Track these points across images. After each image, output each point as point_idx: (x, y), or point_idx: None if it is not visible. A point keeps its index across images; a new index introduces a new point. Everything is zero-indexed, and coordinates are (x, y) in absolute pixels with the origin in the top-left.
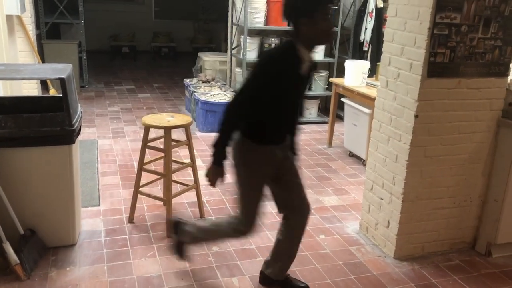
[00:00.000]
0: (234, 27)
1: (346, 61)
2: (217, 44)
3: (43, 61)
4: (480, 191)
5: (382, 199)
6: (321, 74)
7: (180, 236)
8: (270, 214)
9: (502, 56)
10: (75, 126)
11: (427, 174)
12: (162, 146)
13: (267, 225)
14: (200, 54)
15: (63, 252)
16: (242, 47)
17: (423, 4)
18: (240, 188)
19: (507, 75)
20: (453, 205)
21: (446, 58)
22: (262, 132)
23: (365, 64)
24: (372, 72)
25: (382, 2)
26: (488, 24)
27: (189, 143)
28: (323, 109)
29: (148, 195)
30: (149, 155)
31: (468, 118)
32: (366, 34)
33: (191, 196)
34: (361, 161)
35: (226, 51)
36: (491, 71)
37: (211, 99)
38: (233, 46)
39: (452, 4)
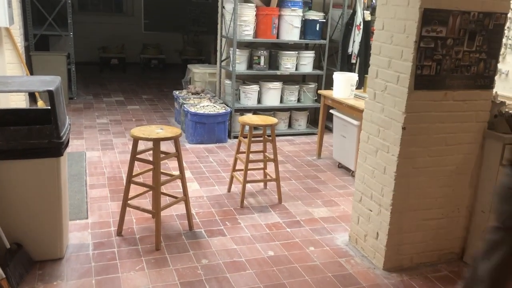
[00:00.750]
0: (224, 40)
1: (335, 73)
2: (207, 56)
3: (31, 73)
4: (467, 202)
5: (371, 211)
6: (309, 86)
7: None
8: (259, 226)
9: (487, 69)
10: (63, 138)
11: (415, 185)
12: (151, 158)
13: (256, 237)
14: (189, 66)
15: (50, 266)
16: (231, 59)
17: (409, 18)
18: None
19: (492, 87)
20: (441, 216)
21: (432, 71)
22: None
23: (353, 77)
24: (360, 84)
25: (369, 15)
26: (473, 38)
27: (178, 155)
28: (312, 121)
29: (137, 208)
30: (138, 167)
31: (454, 130)
32: (354, 46)
33: (180, 208)
34: (350, 173)
35: (215, 63)
36: (477, 83)
37: (201, 111)
38: (222, 58)
39: (437, 18)
